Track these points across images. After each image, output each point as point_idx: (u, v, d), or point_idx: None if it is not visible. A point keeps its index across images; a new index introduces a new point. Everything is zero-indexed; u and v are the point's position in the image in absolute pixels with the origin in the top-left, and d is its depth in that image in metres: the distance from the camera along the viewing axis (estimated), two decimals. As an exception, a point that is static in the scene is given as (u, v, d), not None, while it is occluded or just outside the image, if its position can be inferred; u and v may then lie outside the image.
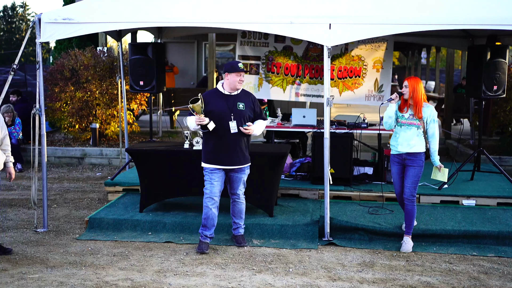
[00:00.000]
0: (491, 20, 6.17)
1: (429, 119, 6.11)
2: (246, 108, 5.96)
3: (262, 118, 6.13)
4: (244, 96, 6.04)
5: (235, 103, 5.93)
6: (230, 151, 5.91)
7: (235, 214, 6.18)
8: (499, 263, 5.76)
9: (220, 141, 5.91)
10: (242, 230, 6.23)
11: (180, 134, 12.57)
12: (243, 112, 5.94)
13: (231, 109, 5.90)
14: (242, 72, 5.92)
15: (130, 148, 7.30)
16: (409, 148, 6.11)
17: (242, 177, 6.07)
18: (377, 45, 9.26)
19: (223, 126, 5.88)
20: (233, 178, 6.06)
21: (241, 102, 5.96)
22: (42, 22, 6.53)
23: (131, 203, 7.41)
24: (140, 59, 8.31)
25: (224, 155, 5.92)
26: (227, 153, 5.91)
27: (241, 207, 6.16)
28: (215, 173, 5.98)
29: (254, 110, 6.05)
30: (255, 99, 6.14)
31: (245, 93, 6.10)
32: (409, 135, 6.11)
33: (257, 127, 6.03)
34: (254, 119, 6.07)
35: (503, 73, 7.86)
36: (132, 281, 5.19)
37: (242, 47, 9.55)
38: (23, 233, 6.62)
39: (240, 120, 5.91)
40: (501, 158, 10.02)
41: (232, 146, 5.91)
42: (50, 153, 10.92)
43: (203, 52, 19.07)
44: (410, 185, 6.12)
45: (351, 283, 5.21)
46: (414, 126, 6.12)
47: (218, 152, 5.93)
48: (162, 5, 6.66)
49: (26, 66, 18.14)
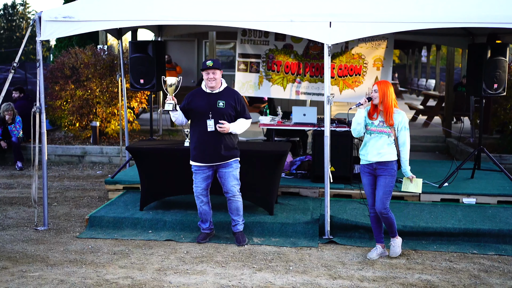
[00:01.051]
0: (492, 18, 6.18)
1: (400, 126, 5.68)
2: (226, 106, 5.97)
3: (245, 117, 6.13)
4: (226, 94, 6.06)
5: (216, 101, 5.98)
6: (210, 148, 5.97)
7: (232, 212, 6.20)
8: (500, 261, 5.78)
9: (201, 139, 6.00)
10: (241, 226, 6.24)
11: (181, 132, 12.60)
12: (223, 110, 5.97)
13: (211, 107, 5.95)
14: (209, 70, 5.94)
15: (130, 146, 7.31)
16: (380, 157, 5.68)
17: (231, 172, 6.06)
18: (377, 43, 9.25)
19: (203, 124, 5.97)
20: (222, 175, 6.08)
21: (221, 100, 5.99)
22: (43, 20, 6.54)
23: (132, 201, 7.42)
24: (140, 57, 8.31)
25: (205, 152, 6.00)
26: (208, 150, 5.98)
27: (237, 204, 6.16)
28: (199, 173, 6.10)
29: (236, 109, 6.05)
30: (239, 97, 6.14)
31: (228, 91, 6.11)
32: (379, 144, 5.69)
33: (236, 125, 6.04)
34: (236, 117, 6.08)
35: (504, 71, 7.86)
36: (133, 279, 5.19)
37: (242, 45, 9.55)
38: (24, 231, 6.62)
39: (220, 118, 5.95)
40: (502, 156, 10.03)
41: (212, 144, 5.95)
42: (51, 151, 10.95)
43: (204, 50, 19.09)
44: (381, 196, 5.67)
45: (352, 281, 5.22)
46: (384, 134, 5.70)
47: (200, 150, 6.02)
48: (162, 3, 6.66)
49: (26, 64, 18.17)
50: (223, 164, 6.04)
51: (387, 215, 5.73)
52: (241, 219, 6.23)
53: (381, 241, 5.90)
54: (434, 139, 12.51)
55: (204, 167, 6.06)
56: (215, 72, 5.96)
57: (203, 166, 6.06)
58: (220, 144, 5.97)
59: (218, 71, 5.98)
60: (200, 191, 6.13)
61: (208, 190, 6.20)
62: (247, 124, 6.17)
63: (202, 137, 5.99)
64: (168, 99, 6.08)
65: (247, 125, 6.19)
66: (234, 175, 6.09)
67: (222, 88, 6.08)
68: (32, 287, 4.99)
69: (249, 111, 6.45)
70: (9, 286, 4.99)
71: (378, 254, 5.85)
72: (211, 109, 5.96)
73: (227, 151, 6.02)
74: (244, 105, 6.16)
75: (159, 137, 12.25)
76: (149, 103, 10.50)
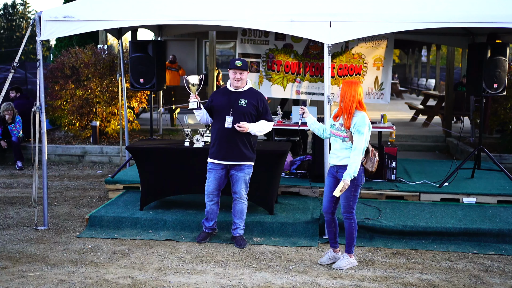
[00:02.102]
0: (492, 18, 6.20)
1: (353, 129, 5.29)
2: (248, 105, 5.98)
3: (267, 118, 6.11)
4: (249, 94, 6.07)
5: (237, 99, 5.99)
6: (227, 146, 5.96)
7: (236, 214, 6.18)
8: (500, 261, 5.78)
9: (219, 136, 6.00)
10: (241, 231, 6.23)
11: (181, 132, 12.63)
12: (243, 109, 5.97)
13: (232, 104, 5.96)
14: (237, 70, 5.95)
15: (130, 146, 7.32)
16: (338, 160, 5.42)
17: (242, 176, 6.06)
18: (377, 43, 9.27)
19: (222, 120, 5.98)
20: (233, 177, 6.09)
21: (243, 99, 6.00)
22: (43, 20, 6.55)
23: (132, 201, 7.43)
24: (140, 57, 8.32)
25: (222, 149, 5.99)
26: (224, 147, 5.97)
27: (242, 207, 6.16)
28: (213, 172, 6.08)
29: (258, 109, 6.05)
30: (263, 98, 6.14)
31: (252, 92, 6.12)
32: (336, 147, 5.46)
33: (256, 126, 6.03)
34: (258, 118, 6.07)
35: (504, 71, 7.87)
36: (133, 279, 5.20)
37: (242, 45, 9.57)
38: (24, 231, 6.63)
39: (240, 117, 5.95)
40: (502, 156, 10.04)
41: (229, 141, 5.95)
42: (51, 151, 10.96)
43: (204, 50, 19.13)
44: (342, 201, 5.44)
45: (352, 281, 5.22)
46: (339, 138, 5.43)
47: (217, 147, 6.02)
48: (162, 3, 6.68)
49: (26, 64, 18.14)
50: (236, 166, 6.03)
51: (350, 220, 5.47)
52: (242, 223, 6.22)
53: (334, 246, 5.64)
54: (434, 139, 12.54)
55: (218, 165, 6.04)
56: (242, 72, 5.99)
57: (217, 165, 6.04)
58: (237, 143, 5.96)
59: (245, 72, 6.01)
60: (211, 190, 6.12)
61: (220, 190, 6.18)
62: (268, 126, 6.13)
63: (220, 134, 5.99)
64: (191, 97, 6.11)
65: (269, 128, 6.14)
66: (245, 180, 6.09)
67: (246, 88, 6.09)
68: (32, 286, 5.00)
69: None
70: (9, 286, 5.00)
71: (330, 259, 5.62)
72: (232, 106, 5.96)
73: (242, 152, 5.99)
74: (267, 107, 6.14)
75: (159, 136, 12.27)
76: (149, 103, 10.50)
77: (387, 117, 8.81)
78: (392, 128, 8.42)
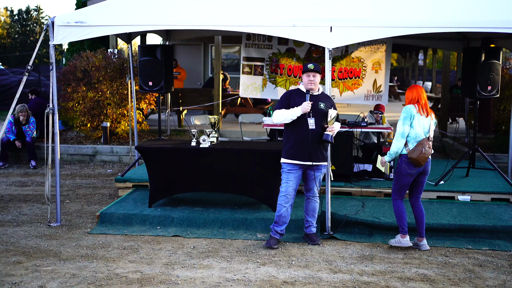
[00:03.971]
0: (486, 23, 6.26)
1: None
2: (326, 108, 6.03)
3: (338, 120, 6.21)
4: (324, 97, 6.12)
5: (317, 102, 6.03)
6: (309, 147, 5.95)
7: (308, 212, 6.20)
8: (493, 256, 5.85)
9: (300, 137, 5.98)
10: (314, 228, 6.22)
11: (188, 132, 12.55)
12: (324, 112, 6.03)
13: (313, 107, 5.98)
14: (310, 73, 6.00)
15: (139, 145, 7.36)
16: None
17: (318, 175, 6.12)
18: (376, 47, 9.36)
19: (303, 123, 5.98)
20: (309, 176, 6.09)
21: (322, 102, 6.05)
22: (55, 25, 6.60)
23: (141, 199, 7.48)
24: (149, 60, 8.37)
25: (303, 151, 5.97)
26: (306, 149, 5.95)
27: (315, 205, 6.18)
28: (292, 173, 6.05)
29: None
30: (333, 101, 6.20)
31: (325, 96, 6.17)
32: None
33: (337, 127, 6.16)
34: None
35: (497, 74, 7.92)
36: (142, 273, 5.26)
37: (247, 49, 9.66)
38: (37, 227, 6.70)
39: (320, 119, 6.01)
40: (495, 156, 10.08)
41: (311, 143, 5.96)
42: (63, 150, 10.99)
43: (210, 54, 19.04)
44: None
45: (351, 275, 5.28)
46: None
47: (298, 148, 5.99)
48: (170, 9, 6.75)
49: (40, 67, 18.24)
50: (315, 166, 6.05)
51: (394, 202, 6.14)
52: (315, 221, 6.22)
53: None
54: (430, 139, 12.53)
55: (297, 166, 6.03)
56: (316, 75, 6.01)
57: (296, 165, 6.03)
58: (318, 144, 5.99)
59: (318, 75, 6.03)
60: (291, 191, 6.05)
61: (295, 191, 6.10)
62: (338, 127, 6.24)
63: (301, 135, 5.96)
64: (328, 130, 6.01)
65: (338, 128, 6.25)
66: (319, 179, 6.15)
67: (320, 91, 6.14)
68: (45, 280, 5.06)
69: (254, 112, 6.56)
70: (24, 280, 5.07)
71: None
72: (313, 108, 5.96)
73: (321, 153, 6.05)
74: (336, 110, 6.18)
75: (167, 137, 12.27)
76: (157, 105, 10.60)
77: (385, 118, 8.93)
78: (390, 129, 8.48)
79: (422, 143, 5.89)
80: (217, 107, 12.87)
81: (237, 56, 19.30)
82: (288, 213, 6.09)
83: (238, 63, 18.36)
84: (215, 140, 7.26)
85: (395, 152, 5.94)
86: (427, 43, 11.51)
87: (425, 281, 5.18)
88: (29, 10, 52.84)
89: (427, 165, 5.99)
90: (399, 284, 5.13)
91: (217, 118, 7.60)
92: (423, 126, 5.94)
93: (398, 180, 6.02)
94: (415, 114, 5.90)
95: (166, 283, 5.08)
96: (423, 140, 5.90)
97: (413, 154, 5.86)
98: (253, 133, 11.11)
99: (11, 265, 5.45)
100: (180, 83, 15.26)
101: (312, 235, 6.22)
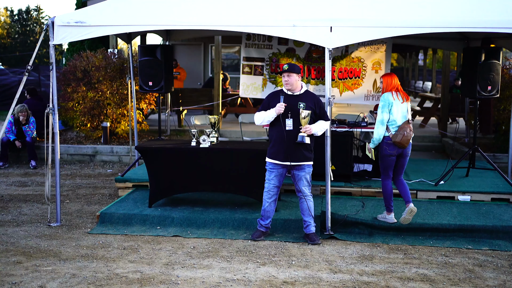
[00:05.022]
0: (486, 23, 6.26)
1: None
2: (306, 108, 6.04)
3: (324, 119, 6.21)
4: (306, 97, 6.14)
5: (296, 102, 6.06)
6: (288, 147, 6.02)
7: (304, 212, 6.22)
8: (493, 256, 5.85)
9: (280, 138, 6.06)
10: (313, 228, 6.24)
11: (188, 132, 12.58)
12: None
13: (291, 107, 6.03)
14: (285, 73, 6.06)
15: (139, 145, 7.36)
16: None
17: (303, 175, 6.14)
18: (376, 47, 9.36)
19: (281, 123, 6.05)
20: (295, 176, 6.15)
21: (303, 102, 6.07)
22: (55, 25, 6.60)
23: (141, 199, 7.49)
24: (149, 60, 8.38)
25: (282, 151, 6.05)
26: (283, 149, 6.03)
27: (309, 204, 6.18)
28: (273, 172, 6.17)
29: (315, 112, 6.14)
30: (319, 100, 6.22)
31: (308, 94, 6.19)
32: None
33: (317, 126, 6.13)
34: (316, 120, 6.17)
35: (497, 74, 7.92)
36: (142, 273, 5.27)
37: (247, 49, 9.66)
38: (37, 227, 6.70)
39: (299, 119, 6.03)
40: (495, 156, 10.10)
41: (288, 143, 6.01)
42: (63, 150, 11.00)
43: (210, 54, 19.05)
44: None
45: (351, 275, 5.29)
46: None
47: (278, 148, 6.08)
48: (170, 9, 6.75)
49: (40, 67, 18.25)
50: (297, 166, 6.11)
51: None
52: (312, 220, 6.23)
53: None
54: (430, 139, 12.52)
55: (279, 165, 6.13)
56: (291, 75, 6.05)
57: (277, 165, 6.13)
58: (297, 144, 6.04)
59: (293, 75, 6.07)
60: (272, 187, 6.19)
61: (279, 188, 6.24)
62: (326, 126, 6.23)
63: (281, 136, 6.03)
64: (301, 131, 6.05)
65: (327, 127, 6.25)
66: (306, 178, 6.16)
67: (302, 91, 6.17)
68: (45, 280, 5.06)
69: (254, 112, 6.55)
70: (24, 280, 5.06)
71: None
72: (291, 109, 6.04)
73: (302, 153, 6.08)
74: (324, 108, 6.22)
75: (167, 137, 12.29)
76: (157, 105, 10.61)
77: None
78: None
79: (403, 127, 6.37)
80: (217, 107, 12.88)
81: (237, 56, 19.32)
82: (271, 207, 6.27)
83: (238, 63, 18.38)
84: (215, 140, 7.27)
85: (377, 139, 6.42)
86: (427, 43, 11.51)
87: (425, 281, 5.18)
88: (29, 10, 52.86)
89: (407, 148, 6.47)
90: (399, 284, 5.14)
91: (217, 118, 7.60)
92: (401, 111, 6.42)
93: (382, 162, 6.49)
94: (393, 101, 6.39)
95: (166, 283, 5.08)
96: (404, 124, 6.39)
97: (397, 138, 6.35)
98: (253, 133, 11.14)
99: (11, 265, 5.45)
100: (180, 83, 15.27)
101: (311, 235, 6.23)
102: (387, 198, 6.53)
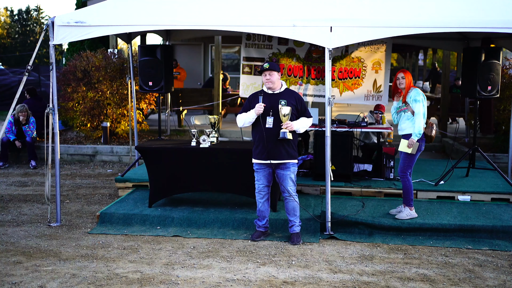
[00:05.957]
0: (485, 23, 6.27)
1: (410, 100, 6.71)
2: (288, 105, 6.05)
3: (306, 116, 6.21)
4: (287, 94, 6.16)
5: (277, 100, 6.07)
6: (270, 146, 6.03)
7: (289, 212, 6.23)
8: (493, 256, 5.85)
9: (262, 137, 6.06)
10: (297, 228, 6.25)
11: (188, 132, 12.58)
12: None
13: (272, 106, 6.04)
14: (266, 71, 6.06)
15: (139, 145, 7.36)
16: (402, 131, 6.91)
17: (288, 175, 6.13)
18: (376, 47, 9.37)
19: (264, 122, 6.05)
20: (280, 176, 6.15)
21: (283, 99, 6.08)
22: (55, 25, 6.61)
23: (141, 199, 7.50)
24: (149, 60, 8.39)
25: (264, 150, 6.05)
26: (265, 148, 6.04)
27: (293, 204, 6.18)
28: (259, 172, 6.20)
29: (297, 108, 6.14)
30: (299, 97, 6.23)
31: (289, 92, 6.21)
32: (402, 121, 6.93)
33: (299, 123, 6.12)
34: (298, 117, 6.17)
35: (497, 74, 7.93)
36: (142, 273, 5.27)
37: (247, 49, 9.67)
38: (37, 227, 6.72)
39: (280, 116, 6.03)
40: (495, 156, 10.11)
41: (268, 142, 6.02)
42: (63, 150, 11.02)
43: (210, 54, 19.06)
44: (402, 161, 6.80)
45: (351, 275, 5.29)
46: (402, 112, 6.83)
47: (260, 148, 6.09)
48: (170, 9, 6.75)
49: (40, 67, 18.24)
50: (281, 165, 6.11)
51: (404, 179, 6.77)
52: (297, 220, 6.24)
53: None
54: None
55: (264, 165, 6.14)
56: (272, 73, 6.06)
57: (262, 165, 6.14)
58: (280, 142, 6.04)
59: (275, 73, 6.08)
60: (262, 188, 6.20)
61: (269, 187, 6.24)
62: (308, 123, 6.24)
63: (263, 135, 6.04)
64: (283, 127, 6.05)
65: (309, 124, 6.26)
66: (291, 177, 6.15)
67: (282, 89, 6.19)
68: (45, 280, 5.07)
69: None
70: (24, 280, 5.07)
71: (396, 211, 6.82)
72: (272, 108, 6.04)
73: (286, 151, 6.08)
74: (305, 105, 6.25)
75: (167, 137, 12.29)
76: (157, 105, 10.61)
77: (385, 118, 8.95)
78: (390, 129, 8.51)
79: (430, 123, 6.79)
80: (217, 107, 12.89)
81: (237, 56, 19.33)
82: (265, 207, 6.28)
83: (238, 63, 18.38)
84: (215, 140, 7.28)
85: (420, 132, 6.56)
86: (427, 43, 11.50)
87: (425, 281, 5.19)
88: (29, 10, 52.94)
89: (422, 145, 6.75)
90: (399, 284, 5.14)
91: (217, 118, 7.60)
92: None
93: (410, 158, 6.64)
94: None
95: (166, 283, 5.08)
96: (427, 120, 6.71)
97: (432, 132, 6.87)
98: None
99: (11, 265, 5.46)
100: (180, 83, 15.28)
101: (293, 235, 6.25)
102: (410, 194, 6.66)
